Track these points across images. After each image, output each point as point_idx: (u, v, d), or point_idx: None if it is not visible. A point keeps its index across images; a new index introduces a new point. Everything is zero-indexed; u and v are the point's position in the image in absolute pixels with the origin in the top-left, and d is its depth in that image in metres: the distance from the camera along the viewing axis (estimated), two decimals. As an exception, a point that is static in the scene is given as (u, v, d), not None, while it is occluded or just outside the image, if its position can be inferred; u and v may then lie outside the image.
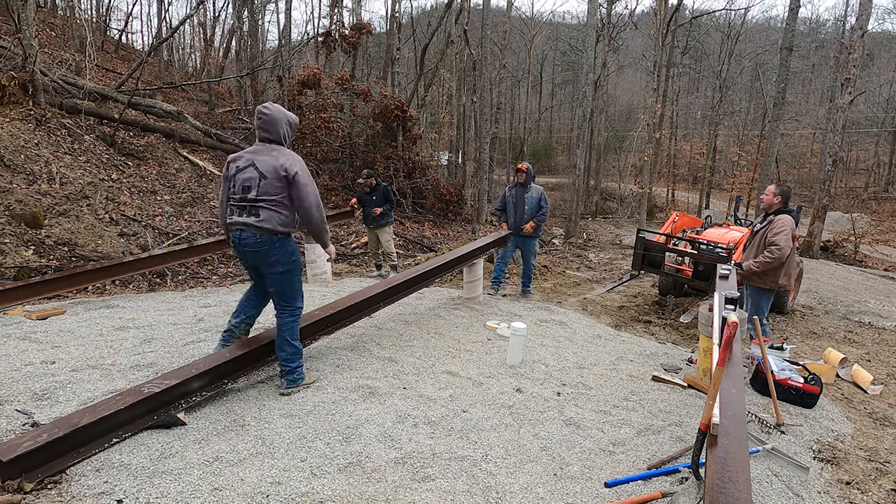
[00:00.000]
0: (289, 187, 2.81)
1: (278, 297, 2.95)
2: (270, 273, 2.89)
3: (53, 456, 2.09)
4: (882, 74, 31.98)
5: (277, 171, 2.77)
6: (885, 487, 2.69)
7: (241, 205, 2.83)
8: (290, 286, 2.94)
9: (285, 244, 2.87)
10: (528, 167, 5.93)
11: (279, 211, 2.82)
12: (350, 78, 14.17)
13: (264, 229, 2.79)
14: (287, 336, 2.93)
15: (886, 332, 6.24)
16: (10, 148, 6.73)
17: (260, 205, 2.79)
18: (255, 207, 2.79)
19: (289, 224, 2.88)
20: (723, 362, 2.13)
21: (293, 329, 2.95)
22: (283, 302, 2.94)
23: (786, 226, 4.07)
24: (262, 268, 2.91)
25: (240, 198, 2.83)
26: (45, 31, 13.43)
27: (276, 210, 2.81)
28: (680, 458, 2.64)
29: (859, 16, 11.79)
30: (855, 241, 15.06)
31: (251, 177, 2.80)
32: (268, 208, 2.79)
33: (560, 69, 40.64)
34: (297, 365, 2.96)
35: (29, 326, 3.68)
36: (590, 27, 14.58)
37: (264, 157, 2.83)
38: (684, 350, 4.82)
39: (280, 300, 2.94)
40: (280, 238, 2.84)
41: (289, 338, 2.93)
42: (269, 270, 2.89)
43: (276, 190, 2.79)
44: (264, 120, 2.87)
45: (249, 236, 2.81)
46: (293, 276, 2.94)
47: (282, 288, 2.92)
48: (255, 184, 2.79)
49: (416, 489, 2.23)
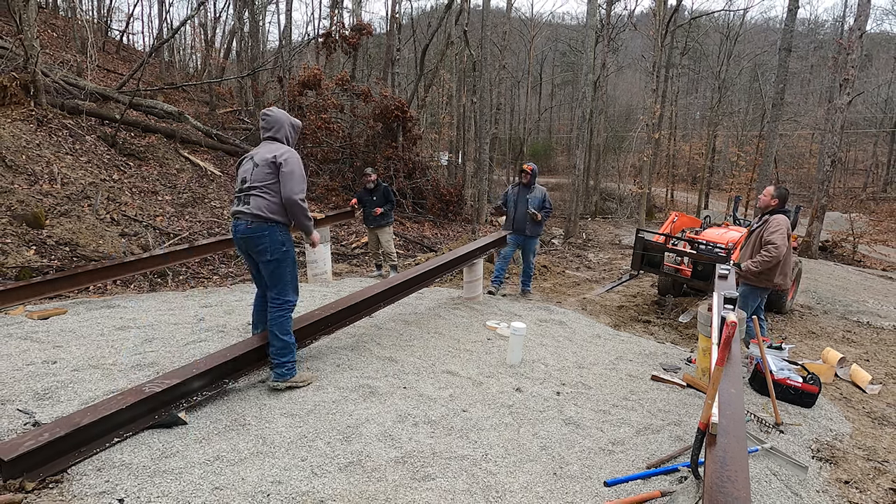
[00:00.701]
0: (277, 174, 2.90)
1: (270, 288, 3.00)
2: (261, 261, 2.97)
3: (55, 455, 2.10)
4: (880, 75, 32.01)
5: (267, 159, 2.89)
6: (884, 486, 2.70)
7: (238, 195, 2.98)
8: (281, 277, 2.97)
9: (274, 231, 2.91)
10: (533, 168, 5.99)
11: (267, 197, 2.89)
12: (350, 78, 14.18)
13: (253, 215, 2.88)
14: (276, 330, 2.95)
15: (885, 331, 6.25)
16: (11, 148, 6.74)
17: (251, 192, 2.91)
18: (248, 196, 2.91)
19: (277, 211, 2.93)
20: (722, 362, 2.14)
21: (283, 323, 2.96)
22: (274, 293, 2.98)
23: (781, 225, 4.09)
24: (254, 256, 2.98)
25: (237, 189, 2.99)
26: (47, 32, 13.43)
27: (263, 196, 2.89)
28: (679, 458, 2.65)
29: (857, 17, 11.81)
30: (853, 241, 15.08)
31: (247, 168, 2.97)
32: (257, 195, 2.89)
33: (560, 70, 40.68)
34: (287, 360, 2.97)
35: (30, 326, 3.69)
36: (589, 28, 14.60)
37: (262, 150, 2.97)
38: (683, 350, 4.83)
39: (272, 291, 2.99)
40: (269, 225, 2.90)
41: (278, 332, 2.94)
42: (259, 258, 2.96)
43: (265, 177, 2.89)
44: (267, 120, 3.03)
45: (241, 223, 2.92)
46: (283, 266, 2.97)
47: (272, 278, 2.97)
48: (249, 174, 2.94)
49: (417, 488, 2.24)
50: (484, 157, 14.95)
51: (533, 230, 5.95)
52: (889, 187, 27.47)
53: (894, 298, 8.28)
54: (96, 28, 16.73)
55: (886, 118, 29.31)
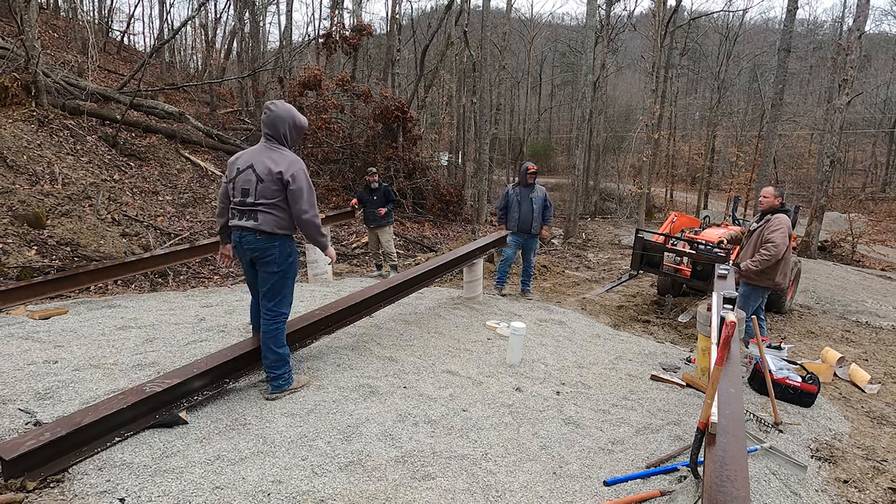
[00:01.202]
0: (285, 191, 2.79)
1: (267, 299, 2.88)
2: (265, 271, 2.88)
3: (56, 455, 2.11)
4: (879, 76, 32.05)
5: (273, 176, 2.76)
6: (882, 486, 2.71)
7: (240, 209, 2.84)
8: (281, 289, 2.89)
9: (284, 245, 2.85)
10: (536, 168, 6.08)
11: (276, 214, 2.80)
12: (351, 79, 14.19)
13: (263, 232, 2.79)
14: (271, 344, 2.87)
15: (883, 331, 6.26)
16: (12, 149, 6.75)
17: (258, 209, 2.78)
18: (254, 211, 2.79)
19: (286, 227, 2.86)
20: (721, 361, 2.15)
21: (277, 337, 2.89)
22: (269, 304, 2.88)
23: (782, 224, 4.10)
24: (259, 265, 2.90)
25: (239, 201, 2.83)
26: (48, 33, 13.45)
27: (272, 213, 2.79)
28: (678, 457, 2.65)
29: (856, 17, 11.81)
30: (852, 241, 15.09)
31: (249, 179, 2.80)
32: (265, 212, 2.78)
33: (559, 70, 40.71)
34: (282, 371, 2.92)
35: (32, 326, 3.70)
36: (589, 28, 14.61)
37: (263, 158, 2.80)
38: (683, 349, 4.84)
39: (268, 302, 2.88)
40: (280, 237, 2.83)
41: (272, 345, 2.87)
42: (264, 269, 2.88)
43: (273, 193, 2.78)
44: (268, 116, 2.84)
45: (250, 237, 2.82)
46: (286, 279, 2.90)
47: (272, 288, 2.87)
48: (252, 187, 2.79)
49: (417, 487, 2.24)
50: (484, 158, 14.96)
51: (538, 229, 5.99)
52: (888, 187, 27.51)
53: (893, 298, 8.29)
54: (97, 29, 16.73)
55: (885, 118, 29.34)
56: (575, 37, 33.58)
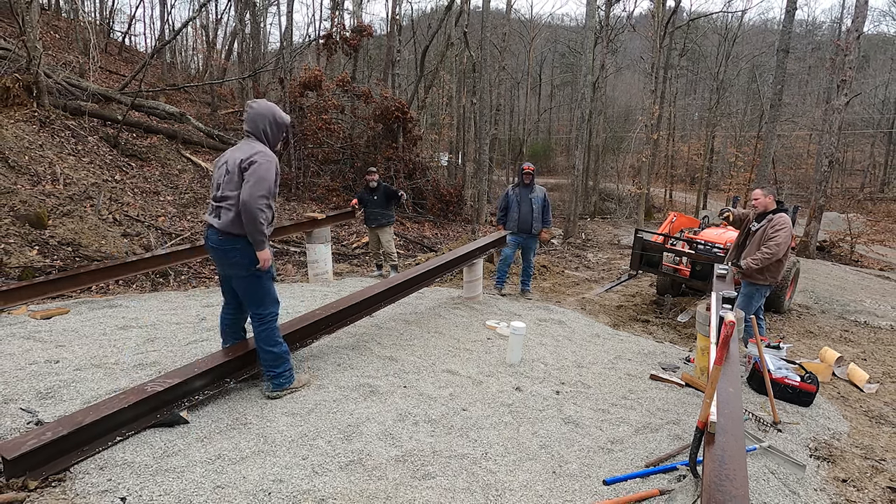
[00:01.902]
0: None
1: (247, 304, 2.82)
2: (234, 276, 2.78)
3: (57, 454, 2.12)
4: (877, 76, 32.10)
5: (238, 165, 2.64)
6: (881, 485, 2.72)
7: (212, 204, 2.77)
8: (256, 292, 2.78)
9: (247, 245, 2.70)
10: (532, 168, 6.09)
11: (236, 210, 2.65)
12: (351, 80, 14.21)
13: (224, 231, 2.68)
14: (262, 344, 2.82)
15: (882, 331, 6.27)
16: (14, 149, 6.76)
17: (222, 205, 2.69)
18: (220, 208, 2.70)
19: None
20: (720, 361, 2.16)
21: (268, 337, 2.82)
22: (252, 308, 2.81)
23: (786, 223, 4.12)
24: (226, 269, 2.81)
25: (212, 196, 2.79)
26: (49, 34, 13.46)
27: (233, 209, 2.65)
28: (678, 456, 2.66)
29: (855, 18, 11.83)
30: (851, 241, 15.10)
31: (220, 173, 2.75)
32: (227, 208, 2.67)
33: (559, 71, 40.73)
34: (281, 370, 2.88)
35: (33, 326, 3.70)
36: (588, 29, 14.63)
37: (236, 152, 2.73)
38: (682, 349, 4.85)
39: (249, 306, 2.82)
40: (242, 238, 2.69)
41: (265, 345, 2.82)
42: (232, 272, 2.77)
43: (236, 186, 2.65)
44: (248, 113, 2.80)
45: (213, 235, 2.74)
46: (260, 280, 2.78)
47: (247, 293, 2.79)
48: (222, 181, 2.72)
49: (417, 487, 2.25)
50: (484, 158, 14.98)
51: (538, 229, 6.00)
52: (886, 187, 27.55)
53: (891, 298, 8.30)
54: (98, 30, 16.75)
55: (884, 119, 29.39)
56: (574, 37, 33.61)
